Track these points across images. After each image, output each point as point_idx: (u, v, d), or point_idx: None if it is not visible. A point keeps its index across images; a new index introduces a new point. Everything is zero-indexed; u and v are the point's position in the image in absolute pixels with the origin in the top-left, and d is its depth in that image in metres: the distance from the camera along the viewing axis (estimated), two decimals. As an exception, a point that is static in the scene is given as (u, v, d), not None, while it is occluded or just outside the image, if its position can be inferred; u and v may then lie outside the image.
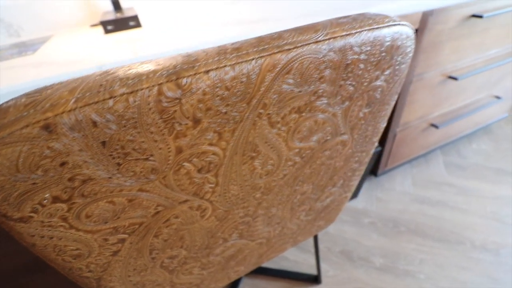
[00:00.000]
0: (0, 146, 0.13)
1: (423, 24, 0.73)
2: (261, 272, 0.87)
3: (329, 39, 0.19)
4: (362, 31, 0.20)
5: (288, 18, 0.60)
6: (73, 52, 0.57)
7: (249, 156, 0.23)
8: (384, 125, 0.34)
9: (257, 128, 0.21)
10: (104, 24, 0.69)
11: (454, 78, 0.91)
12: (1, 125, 0.13)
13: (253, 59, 0.17)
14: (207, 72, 0.16)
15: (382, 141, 1.01)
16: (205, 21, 0.68)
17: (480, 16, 0.79)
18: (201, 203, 0.25)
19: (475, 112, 1.13)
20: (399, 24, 0.22)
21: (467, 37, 0.85)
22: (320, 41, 0.18)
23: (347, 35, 0.19)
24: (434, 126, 1.05)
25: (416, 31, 0.74)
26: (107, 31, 0.70)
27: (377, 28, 0.20)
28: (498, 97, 1.20)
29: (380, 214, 1.03)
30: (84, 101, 0.14)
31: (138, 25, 0.72)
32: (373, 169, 1.13)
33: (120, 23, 0.70)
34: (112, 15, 0.77)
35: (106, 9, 0.90)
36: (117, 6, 0.84)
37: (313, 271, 0.88)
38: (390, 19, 0.21)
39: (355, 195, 1.08)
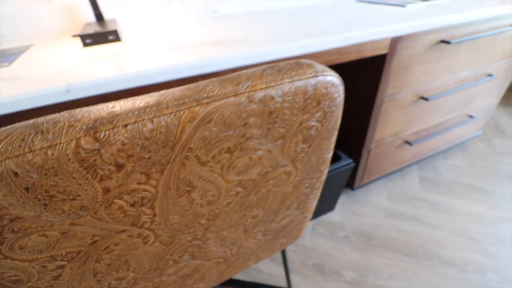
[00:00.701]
0: None
1: (392, 49, 0.77)
2: (233, 284, 0.88)
3: (248, 91, 0.21)
4: (283, 83, 0.22)
5: (260, 41, 0.63)
6: (47, 67, 0.58)
7: (184, 190, 0.25)
8: (329, 155, 0.36)
9: (187, 167, 0.23)
10: (82, 37, 0.71)
11: (426, 99, 0.95)
12: None
13: (171, 112, 0.19)
14: (125, 126, 0.18)
15: (357, 157, 1.04)
16: (182, 39, 0.70)
17: (448, 42, 0.83)
18: (141, 231, 0.26)
19: (449, 130, 1.18)
20: (321, 75, 0.24)
21: (437, 60, 0.89)
22: (239, 94, 0.20)
23: (267, 87, 0.21)
24: (408, 143, 1.09)
25: (386, 55, 0.78)
26: (85, 45, 0.71)
27: (298, 80, 0.23)
28: (471, 116, 1.25)
29: (355, 228, 1.06)
30: (5, 155, 0.15)
31: (117, 39, 0.74)
32: (350, 183, 1.16)
33: (99, 37, 0.72)
34: (93, 27, 0.78)
35: (89, 20, 0.91)
36: (99, 18, 0.85)
37: (286, 284, 0.89)
38: (313, 71, 0.24)
39: (331, 208, 1.11)
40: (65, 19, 0.88)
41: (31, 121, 0.18)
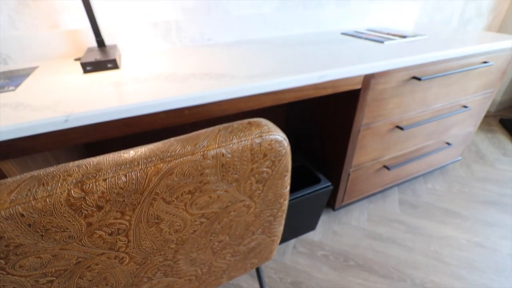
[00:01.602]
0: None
1: (365, 84, 0.84)
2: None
3: (203, 151, 0.27)
4: (232, 143, 0.29)
5: (243, 77, 0.70)
6: (49, 93, 0.64)
7: (153, 222, 0.31)
8: (286, 190, 0.42)
9: (154, 206, 0.29)
10: (83, 65, 0.78)
11: (401, 128, 1.03)
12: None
13: (141, 168, 0.25)
14: (104, 180, 0.24)
15: (337, 180, 1.10)
16: (174, 70, 0.77)
17: (419, 79, 0.91)
18: (118, 254, 0.32)
19: (427, 156, 1.25)
20: (266, 135, 0.31)
21: (409, 94, 0.97)
22: (196, 153, 0.27)
23: (218, 147, 0.28)
24: (386, 168, 1.16)
25: (360, 90, 0.85)
26: (86, 71, 0.79)
27: (245, 140, 0.29)
28: (448, 143, 1.33)
29: (334, 248, 1.11)
30: (15, 202, 0.21)
31: (115, 67, 0.81)
32: (331, 204, 1.22)
33: (99, 65, 0.79)
34: (94, 53, 0.86)
35: (91, 44, 0.98)
36: (101, 44, 0.93)
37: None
38: (259, 132, 0.30)
39: (313, 227, 1.16)
40: (69, 43, 0.95)
41: (35, 172, 0.24)
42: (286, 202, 0.45)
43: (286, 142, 0.33)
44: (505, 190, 1.41)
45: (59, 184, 0.23)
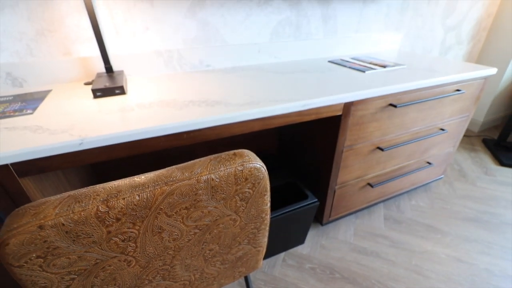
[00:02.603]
0: (18, 233, 0.28)
1: (346, 111, 0.94)
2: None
3: (197, 176, 0.36)
4: (219, 170, 0.37)
5: (236, 104, 0.80)
6: (64, 117, 0.73)
7: (157, 231, 0.39)
8: (267, 207, 0.51)
9: (158, 218, 0.37)
10: (94, 91, 0.87)
11: (381, 149, 1.12)
12: (19, 225, 0.28)
13: (150, 190, 0.33)
14: (123, 198, 0.32)
15: (324, 196, 1.19)
16: (174, 97, 0.86)
17: (395, 106, 1.02)
18: (127, 257, 0.40)
19: (409, 174, 1.34)
20: (247, 163, 0.39)
21: (387, 119, 1.07)
22: (191, 178, 0.35)
23: (209, 173, 0.37)
24: (370, 185, 1.24)
25: (341, 115, 0.95)
26: (96, 97, 0.88)
27: (230, 167, 0.38)
28: (429, 163, 1.42)
29: (321, 261, 1.17)
30: (59, 215, 0.30)
31: (122, 92, 0.91)
32: (319, 219, 1.29)
33: (108, 91, 0.89)
34: (103, 79, 0.96)
35: (100, 70, 1.08)
36: (109, 70, 1.03)
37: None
38: (241, 161, 0.39)
39: (301, 241, 1.23)
40: (79, 68, 1.06)
41: (72, 193, 0.32)
42: (268, 217, 0.54)
43: (263, 169, 0.42)
44: (485, 207, 1.50)
45: (90, 201, 0.31)
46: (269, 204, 0.50)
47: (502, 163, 1.86)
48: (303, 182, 1.34)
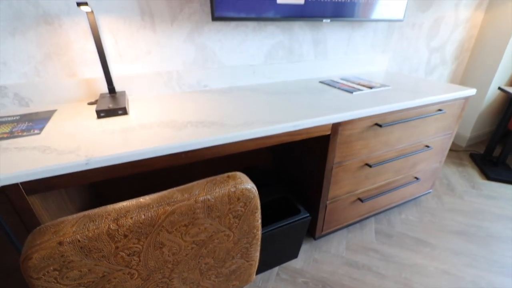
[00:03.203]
0: (40, 249, 0.33)
1: (334, 130, 1.01)
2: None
3: (195, 197, 0.41)
4: (215, 191, 0.43)
5: (231, 125, 0.86)
6: (70, 138, 0.78)
7: (158, 246, 0.43)
8: (258, 223, 0.56)
9: (160, 235, 0.42)
10: (98, 112, 0.93)
11: (369, 166, 1.18)
12: (42, 241, 0.33)
13: (154, 209, 0.38)
14: (131, 217, 0.37)
15: (316, 211, 1.23)
16: (174, 118, 0.92)
17: (380, 125, 1.08)
18: (130, 270, 0.44)
19: (398, 189, 1.40)
20: (239, 185, 0.45)
21: (374, 137, 1.14)
22: (190, 199, 0.41)
23: (206, 194, 0.42)
24: (360, 200, 1.29)
25: (329, 135, 1.02)
26: (99, 117, 0.93)
27: (223, 189, 0.43)
28: (417, 178, 1.48)
29: (314, 275, 1.21)
30: (76, 232, 0.34)
31: (125, 113, 0.96)
32: (312, 233, 1.33)
33: (111, 112, 0.94)
34: (107, 100, 1.01)
35: (103, 90, 1.14)
36: (112, 91, 1.09)
37: (247, 324, 1.01)
38: (234, 183, 0.44)
39: (295, 255, 1.26)
40: (83, 89, 1.11)
41: (86, 213, 0.37)
42: (259, 232, 0.58)
43: (254, 189, 0.47)
44: (472, 220, 1.55)
45: (103, 220, 0.36)
46: (260, 221, 0.55)
47: (489, 177, 1.93)
48: (296, 196, 1.39)
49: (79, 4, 0.84)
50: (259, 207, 0.50)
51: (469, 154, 2.27)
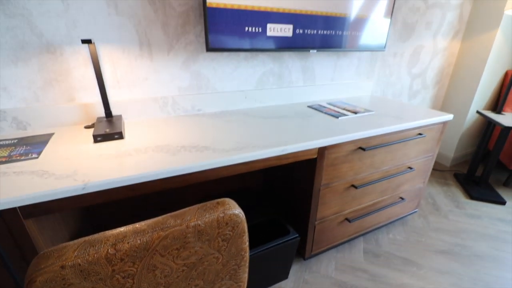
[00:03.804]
0: (44, 272, 0.36)
1: (320, 154, 1.07)
2: None
3: (187, 223, 0.45)
4: (205, 217, 0.47)
5: (222, 150, 0.91)
6: (68, 162, 0.81)
7: (151, 269, 0.47)
8: (245, 245, 0.59)
9: (153, 258, 0.45)
10: (95, 137, 0.97)
11: (355, 187, 1.23)
12: (46, 265, 0.36)
13: (148, 235, 0.42)
14: (128, 242, 0.41)
15: (305, 231, 1.27)
16: (168, 142, 0.97)
17: (364, 149, 1.15)
18: (124, 293, 0.47)
19: (384, 209, 1.45)
20: (228, 210, 0.49)
21: (358, 160, 1.20)
22: (182, 224, 0.45)
23: (196, 220, 0.46)
24: (348, 220, 1.34)
25: (316, 158, 1.08)
26: (96, 141, 0.97)
27: (213, 214, 0.48)
28: (402, 198, 1.54)
29: (303, 295, 1.22)
30: (77, 257, 0.38)
31: (121, 137, 1.00)
32: (302, 254, 1.36)
33: (107, 136, 0.99)
34: (103, 124, 1.06)
35: (99, 114, 1.19)
36: (108, 115, 1.14)
37: None
38: (223, 209, 0.49)
39: (285, 276, 1.28)
40: (80, 113, 1.16)
41: (87, 238, 0.40)
42: (247, 254, 0.62)
43: (241, 214, 0.51)
44: (457, 240, 1.60)
45: (102, 245, 0.40)
46: (247, 243, 0.59)
47: (472, 197, 2.01)
48: (286, 217, 1.42)
49: (84, 42, 0.90)
50: (246, 230, 0.55)
51: (453, 173, 2.36)
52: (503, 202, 1.94)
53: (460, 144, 2.42)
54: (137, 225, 0.44)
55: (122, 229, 0.43)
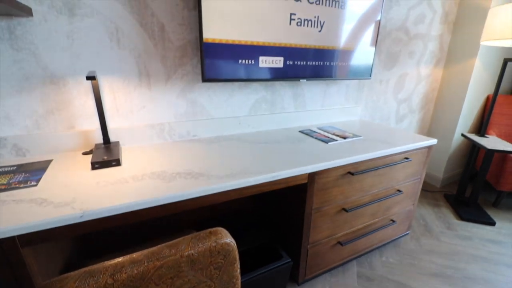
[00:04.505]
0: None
1: (311, 179, 1.11)
2: None
3: (181, 253, 0.48)
4: (198, 246, 0.50)
5: (216, 177, 0.95)
6: (66, 190, 0.84)
7: (146, 298, 0.49)
8: (237, 272, 0.62)
9: (148, 287, 0.48)
10: (93, 164, 1.00)
11: (346, 210, 1.27)
12: (47, 297, 0.39)
13: (144, 264, 0.45)
14: (125, 272, 0.44)
15: (297, 256, 1.28)
16: (164, 169, 1.01)
17: (352, 174, 1.20)
18: (119, 322, 0.49)
19: (375, 232, 1.47)
20: (220, 239, 0.53)
21: (348, 184, 1.25)
22: (177, 254, 0.48)
23: (190, 249, 0.49)
24: (340, 243, 1.36)
25: (306, 183, 1.12)
26: (94, 168, 1.01)
27: (206, 243, 0.51)
28: (393, 221, 1.57)
29: (297, 322, 1.21)
30: (78, 287, 0.41)
31: (118, 164, 1.04)
32: (295, 278, 1.36)
33: (105, 163, 1.02)
34: (101, 151, 1.09)
35: (97, 140, 1.23)
36: (106, 142, 1.18)
37: None
38: (215, 238, 0.52)
39: (278, 301, 1.27)
40: (79, 140, 1.20)
41: (87, 269, 0.43)
42: (239, 281, 0.64)
43: (233, 243, 0.55)
44: (448, 262, 1.62)
45: (101, 276, 0.42)
46: (238, 271, 0.62)
47: (462, 218, 2.05)
48: (278, 240, 1.44)
49: (88, 78, 0.96)
50: (237, 258, 0.58)
51: (443, 194, 2.41)
52: (492, 223, 1.98)
53: (448, 165, 2.50)
54: (134, 255, 0.47)
55: (120, 259, 0.46)
